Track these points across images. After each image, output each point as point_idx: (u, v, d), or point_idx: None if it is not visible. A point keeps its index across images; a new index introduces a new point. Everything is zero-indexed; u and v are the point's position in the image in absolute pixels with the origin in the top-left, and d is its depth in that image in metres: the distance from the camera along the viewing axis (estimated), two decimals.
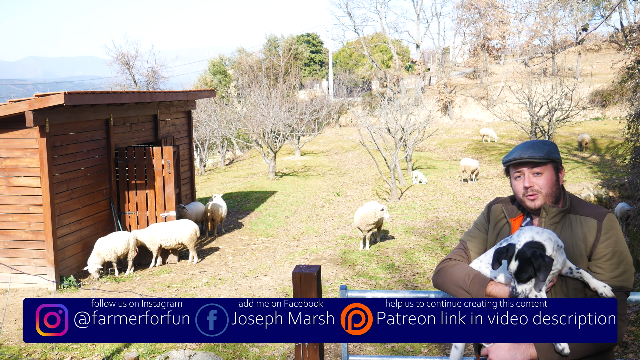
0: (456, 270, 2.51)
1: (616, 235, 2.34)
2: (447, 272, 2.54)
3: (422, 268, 9.54)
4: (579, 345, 2.22)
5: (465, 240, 2.65)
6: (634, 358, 6.01)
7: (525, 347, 2.26)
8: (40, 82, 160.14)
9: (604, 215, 2.37)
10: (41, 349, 6.42)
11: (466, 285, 2.41)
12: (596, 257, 2.33)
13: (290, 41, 45.83)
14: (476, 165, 18.79)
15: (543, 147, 2.43)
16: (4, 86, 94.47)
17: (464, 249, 2.63)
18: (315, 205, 17.09)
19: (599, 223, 2.35)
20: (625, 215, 11.96)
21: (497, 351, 2.29)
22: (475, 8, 39.50)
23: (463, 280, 2.44)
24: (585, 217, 2.38)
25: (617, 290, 2.30)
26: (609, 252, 2.31)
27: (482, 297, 2.37)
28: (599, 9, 37.83)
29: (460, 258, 2.60)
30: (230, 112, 29.55)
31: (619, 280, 2.31)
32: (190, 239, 10.85)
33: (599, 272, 2.32)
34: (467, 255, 2.60)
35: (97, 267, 9.78)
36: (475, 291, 2.38)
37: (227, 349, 6.34)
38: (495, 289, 2.35)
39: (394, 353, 6.35)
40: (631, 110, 15.25)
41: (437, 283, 2.59)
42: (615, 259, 2.31)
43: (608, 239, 2.32)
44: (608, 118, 32.79)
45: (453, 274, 2.50)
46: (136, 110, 12.30)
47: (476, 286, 2.38)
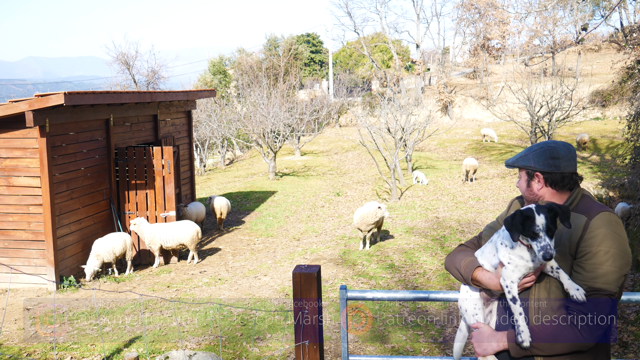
0: (459, 254, 2.70)
1: (603, 234, 2.23)
2: (453, 255, 2.75)
3: (422, 268, 9.54)
4: (547, 342, 2.25)
5: (484, 230, 2.79)
6: (634, 358, 6.00)
7: (501, 335, 2.38)
8: (40, 82, 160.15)
9: (597, 214, 2.29)
10: (41, 349, 6.42)
11: (460, 268, 2.61)
12: (578, 255, 2.27)
13: (290, 41, 45.83)
14: (477, 165, 19.00)
15: (524, 154, 2.53)
16: (4, 86, 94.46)
17: (479, 237, 2.79)
18: (315, 205, 17.09)
19: (587, 221, 2.28)
20: (625, 215, 11.96)
21: (479, 336, 2.45)
22: (475, 8, 39.49)
23: (459, 263, 2.63)
24: (579, 215, 2.33)
25: (595, 291, 2.22)
26: (591, 251, 2.23)
27: (469, 281, 2.54)
28: (599, 9, 37.82)
29: (471, 245, 2.77)
30: (230, 112, 29.55)
31: (598, 281, 2.21)
32: (191, 240, 10.85)
33: (578, 272, 2.26)
34: (479, 244, 2.75)
35: (94, 269, 9.78)
36: (466, 275, 2.56)
37: (227, 349, 6.34)
38: (479, 275, 2.49)
39: (394, 353, 6.34)
40: (631, 110, 15.25)
41: (446, 265, 2.79)
42: (596, 259, 2.22)
43: (592, 238, 2.24)
44: (608, 118, 32.78)
45: (456, 257, 2.70)
46: (136, 110, 12.30)
47: (467, 270, 2.56)
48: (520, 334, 2.26)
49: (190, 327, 7.02)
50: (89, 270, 9.74)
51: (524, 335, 2.25)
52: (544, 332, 2.26)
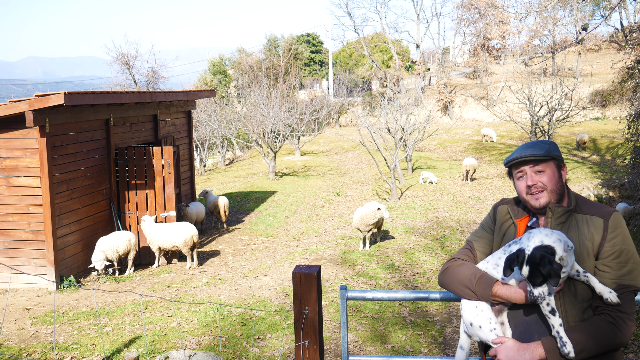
0: (462, 270, 2.50)
1: (623, 233, 2.32)
2: (453, 271, 2.54)
3: (422, 268, 9.53)
4: (587, 345, 2.22)
5: (472, 241, 2.65)
6: (634, 358, 6.00)
7: (535, 346, 2.26)
8: (40, 82, 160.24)
9: (611, 214, 2.35)
10: (41, 349, 6.42)
11: (472, 285, 2.42)
12: (603, 256, 2.31)
13: (290, 41, 45.83)
14: (477, 165, 19.06)
15: (543, 146, 2.44)
16: (4, 86, 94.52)
17: (471, 249, 2.63)
18: (315, 205, 17.09)
19: (605, 222, 2.33)
20: (626, 215, 11.96)
21: (506, 351, 2.29)
22: (475, 8, 39.50)
23: (469, 280, 2.44)
24: (592, 217, 2.37)
25: (624, 288, 2.28)
26: (616, 250, 2.30)
27: (488, 297, 2.37)
28: (599, 9, 37.81)
29: (466, 258, 2.60)
30: (230, 112, 29.55)
31: (627, 278, 2.29)
32: (184, 244, 10.53)
33: (606, 271, 2.30)
34: (473, 255, 2.61)
35: (103, 263, 9.76)
36: (481, 291, 2.38)
37: (226, 349, 6.34)
38: (501, 290, 2.35)
39: (394, 353, 6.34)
40: (631, 110, 15.26)
41: (443, 282, 2.59)
42: (622, 258, 2.29)
43: (615, 238, 2.31)
44: (608, 118, 32.78)
45: (459, 274, 2.50)
46: (136, 110, 12.30)
47: (482, 286, 2.38)
48: (565, 345, 2.20)
49: (190, 327, 7.03)
50: (99, 264, 9.70)
51: (569, 346, 2.20)
52: (585, 337, 2.23)
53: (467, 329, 2.48)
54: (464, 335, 2.55)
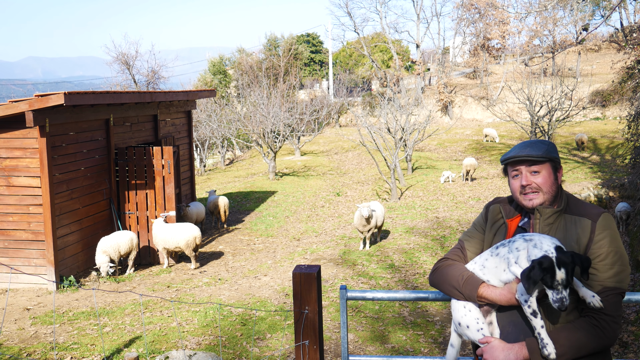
0: (451, 270, 2.53)
1: (610, 235, 2.30)
2: (442, 271, 2.56)
3: (422, 268, 9.54)
4: (570, 347, 2.21)
5: (463, 240, 2.66)
6: (634, 358, 6.01)
7: (519, 347, 2.28)
8: (40, 82, 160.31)
9: (599, 215, 2.34)
10: (41, 349, 6.42)
11: (459, 286, 2.44)
12: (590, 257, 2.29)
13: (290, 41, 45.82)
14: (477, 164, 19.11)
15: (541, 146, 2.43)
16: (4, 86, 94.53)
17: (461, 248, 2.64)
18: (315, 205, 17.09)
19: (592, 223, 2.32)
20: (626, 215, 11.96)
21: (492, 351, 2.32)
22: (475, 8, 39.50)
23: (457, 280, 2.46)
24: (580, 218, 2.36)
25: (610, 291, 2.26)
26: (603, 252, 2.28)
27: (474, 299, 2.39)
28: (599, 9, 37.80)
29: (456, 258, 2.61)
30: (230, 112, 29.55)
31: (613, 280, 2.26)
32: (187, 245, 10.47)
33: (593, 273, 2.28)
34: (463, 255, 2.62)
35: (108, 265, 9.78)
36: (468, 292, 2.41)
37: (227, 349, 6.34)
38: (487, 291, 2.37)
39: (394, 353, 6.34)
40: (631, 110, 15.25)
41: (433, 282, 2.62)
42: (608, 259, 2.27)
43: (601, 239, 2.29)
44: (608, 118, 32.78)
45: (448, 274, 2.52)
46: (136, 110, 12.30)
47: (468, 287, 2.41)
48: (546, 346, 2.22)
49: (190, 327, 7.03)
50: (104, 267, 9.73)
51: (550, 347, 2.21)
52: (568, 339, 2.23)
53: (457, 328, 2.52)
54: (454, 334, 2.59)
